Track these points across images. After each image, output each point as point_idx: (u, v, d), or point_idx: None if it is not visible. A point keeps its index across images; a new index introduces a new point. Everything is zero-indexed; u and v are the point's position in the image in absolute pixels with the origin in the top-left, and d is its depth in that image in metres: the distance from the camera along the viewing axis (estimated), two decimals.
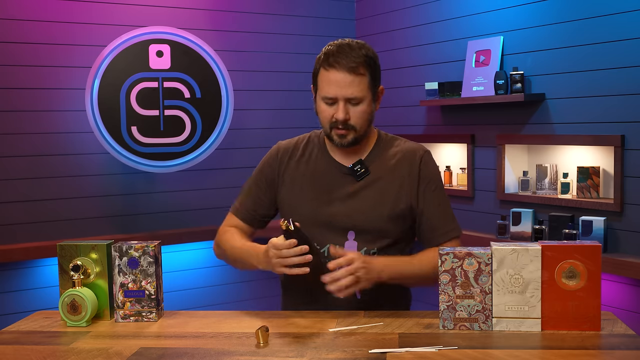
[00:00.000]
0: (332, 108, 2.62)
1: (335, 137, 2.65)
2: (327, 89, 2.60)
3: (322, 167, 2.76)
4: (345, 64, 2.57)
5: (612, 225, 4.27)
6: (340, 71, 2.57)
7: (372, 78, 2.68)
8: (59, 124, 5.05)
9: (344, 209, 2.69)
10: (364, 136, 2.71)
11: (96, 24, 5.13)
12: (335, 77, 2.58)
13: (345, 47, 2.61)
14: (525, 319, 2.30)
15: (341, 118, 2.59)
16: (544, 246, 2.29)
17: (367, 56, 2.64)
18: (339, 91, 2.58)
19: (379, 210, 2.68)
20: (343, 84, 2.58)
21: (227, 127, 5.29)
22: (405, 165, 2.73)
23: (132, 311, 2.53)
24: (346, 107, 2.61)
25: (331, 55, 2.60)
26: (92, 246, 2.52)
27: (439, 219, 2.73)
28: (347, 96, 2.59)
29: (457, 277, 2.32)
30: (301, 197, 2.74)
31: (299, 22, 5.96)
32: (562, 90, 4.52)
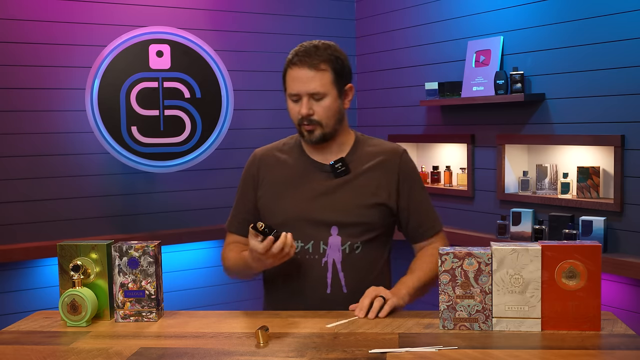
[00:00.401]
0: (297, 105, 2.72)
1: (304, 134, 2.75)
2: (291, 86, 2.70)
3: (301, 167, 2.83)
4: (307, 61, 2.66)
5: (612, 225, 4.27)
6: (302, 68, 2.67)
7: (337, 75, 2.72)
8: (59, 124, 5.06)
9: (326, 204, 2.75)
10: (333, 132, 2.78)
11: (96, 24, 5.13)
12: (297, 74, 2.68)
13: (309, 47, 2.71)
14: (525, 319, 2.30)
15: (304, 113, 2.69)
16: (544, 246, 2.29)
17: (331, 54, 2.71)
18: (302, 87, 2.67)
19: (359, 203, 2.75)
20: (305, 79, 2.67)
21: (227, 127, 5.29)
22: (385, 164, 2.82)
23: (132, 311, 2.53)
24: (309, 103, 2.69)
25: (295, 55, 2.70)
26: (92, 246, 2.52)
27: (424, 215, 2.87)
28: (309, 91, 2.67)
29: (457, 277, 2.32)
30: (282, 198, 2.80)
31: (299, 22, 5.96)
32: (562, 90, 4.52)
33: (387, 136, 5.84)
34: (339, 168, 2.77)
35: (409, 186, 2.83)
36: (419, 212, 2.85)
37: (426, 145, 5.70)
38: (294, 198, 2.78)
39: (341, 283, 2.74)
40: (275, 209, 2.79)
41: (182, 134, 5.16)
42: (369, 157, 2.83)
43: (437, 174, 5.52)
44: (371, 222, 2.77)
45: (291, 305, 2.72)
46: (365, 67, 6.16)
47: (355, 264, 2.75)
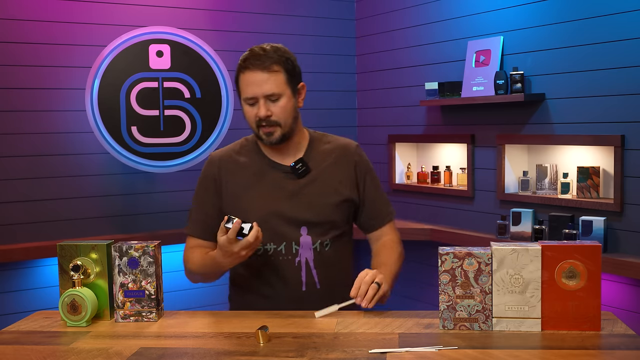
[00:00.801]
0: (254, 108, 2.76)
1: (263, 136, 2.79)
2: (246, 90, 2.75)
3: (262, 170, 2.87)
4: (259, 64, 2.73)
5: (612, 225, 4.27)
6: (255, 71, 2.73)
7: (289, 75, 2.78)
8: (59, 124, 5.06)
9: (293, 205, 2.81)
10: (291, 132, 2.83)
11: (96, 24, 5.13)
12: (251, 78, 2.73)
13: (258, 51, 2.78)
14: (525, 319, 2.30)
15: (262, 115, 2.73)
16: (544, 246, 2.29)
17: (280, 55, 2.78)
18: (257, 89, 2.72)
19: (325, 202, 2.84)
20: (259, 82, 2.72)
21: (227, 127, 5.29)
22: (342, 159, 2.92)
23: (132, 311, 2.53)
24: (266, 104, 2.74)
25: (246, 60, 2.77)
26: (92, 246, 2.53)
27: (379, 204, 2.99)
28: (265, 93, 2.72)
29: (457, 277, 2.32)
30: (248, 201, 2.83)
31: (299, 22, 5.96)
32: (562, 90, 4.52)
33: (387, 136, 5.84)
34: (299, 168, 2.83)
35: (364, 178, 2.95)
36: (374, 203, 2.97)
37: (426, 145, 5.70)
38: (261, 201, 2.82)
39: (315, 280, 2.82)
40: (244, 213, 2.78)
41: (182, 134, 5.16)
42: (325, 154, 2.92)
43: (437, 174, 5.52)
44: (338, 220, 2.87)
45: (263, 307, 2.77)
46: (365, 67, 6.17)
47: (327, 260, 2.84)
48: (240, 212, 2.79)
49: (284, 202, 2.81)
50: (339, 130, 5.51)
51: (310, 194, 2.83)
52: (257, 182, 2.85)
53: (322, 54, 6.06)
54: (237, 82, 2.81)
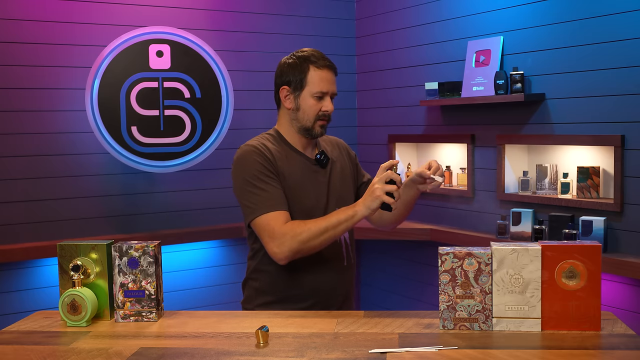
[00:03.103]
0: (320, 102, 2.99)
1: (317, 129, 3.02)
2: (320, 85, 2.99)
3: (296, 161, 3.03)
4: (332, 66, 3.03)
5: (612, 225, 4.27)
6: (330, 71, 3.02)
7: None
8: (59, 124, 5.06)
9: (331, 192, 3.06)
10: None
11: (96, 24, 5.13)
12: (327, 76, 3.00)
13: (324, 55, 3.06)
14: (525, 319, 2.30)
15: (332, 109, 3.01)
16: (544, 246, 2.29)
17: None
18: (331, 87, 3.01)
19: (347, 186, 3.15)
20: (332, 81, 3.03)
21: (227, 127, 5.29)
22: (342, 151, 3.23)
23: (132, 311, 2.53)
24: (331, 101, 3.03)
25: (320, 59, 3.02)
26: (92, 246, 2.53)
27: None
28: (334, 92, 3.03)
29: (457, 277, 2.32)
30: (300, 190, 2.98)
31: (299, 22, 5.96)
32: (562, 90, 4.52)
33: (387, 136, 5.84)
34: (323, 159, 3.07)
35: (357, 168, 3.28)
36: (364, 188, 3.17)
37: (426, 145, 5.70)
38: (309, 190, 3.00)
39: (350, 255, 3.09)
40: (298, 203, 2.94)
41: (182, 134, 5.16)
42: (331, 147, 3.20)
43: None
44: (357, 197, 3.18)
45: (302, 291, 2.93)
46: (365, 67, 6.17)
47: (352, 236, 3.13)
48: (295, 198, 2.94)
49: (324, 189, 3.04)
50: (339, 130, 5.51)
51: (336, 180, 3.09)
52: (299, 171, 3.00)
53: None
54: (305, 75, 2.99)
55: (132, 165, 5.05)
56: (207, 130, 5.23)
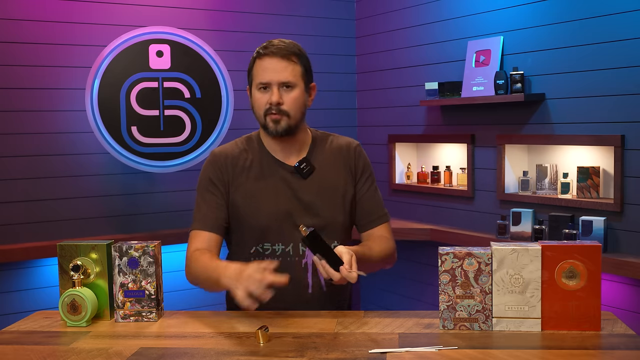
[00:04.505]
0: (266, 94, 2.73)
1: (270, 124, 2.76)
2: (262, 75, 2.73)
3: (267, 169, 2.83)
4: (278, 51, 2.73)
5: (612, 225, 4.27)
6: (274, 57, 2.73)
7: (305, 69, 2.79)
8: (59, 124, 5.06)
9: (300, 207, 2.78)
10: (297, 127, 2.79)
11: (96, 24, 5.13)
12: (269, 64, 2.73)
13: (279, 42, 2.78)
14: (525, 319, 2.30)
15: (275, 100, 2.70)
16: (544, 246, 2.29)
17: (300, 50, 2.80)
18: (273, 75, 2.71)
19: (331, 204, 2.82)
20: (277, 68, 2.72)
21: (227, 127, 5.29)
22: (343, 158, 2.89)
23: (132, 311, 2.53)
24: (279, 92, 2.72)
25: (264, 48, 2.78)
26: (92, 246, 2.53)
27: (373, 205, 2.91)
28: (281, 80, 2.71)
29: (457, 277, 2.32)
30: (258, 201, 2.78)
31: (299, 22, 5.96)
32: (562, 90, 4.52)
33: (387, 136, 5.84)
34: (304, 168, 2.80)
35: (361, 177, 2.91)
36: (369, 202, 2.90)
37: (426, 145, 5.70)
38: (270, 201, 2.78)
39: (321, 283, 2.79)
40: (256, 214, 2.77)
41: (182, 134, 5.16)
42: (328, 154, 2.89)
43: (437, 174, 5.52)
44: (344, 221, 2.86)
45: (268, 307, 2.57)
46: (365, 67, 6.17)
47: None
48: (251, 212, 2.77)
49: (291, 202, 2.78)
50: (338, 130, 5.50)
51: (315, 196, 2.80)
52: (264, 182, 2.80)
53: (322, 54, 6.05)
54: (251, 69, 2.80)
55: (132, 165, 5.05)
56: (207, 130, 5.23)
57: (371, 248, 2.76)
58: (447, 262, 2.32)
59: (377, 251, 2.77)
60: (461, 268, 2.31)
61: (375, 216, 2.90)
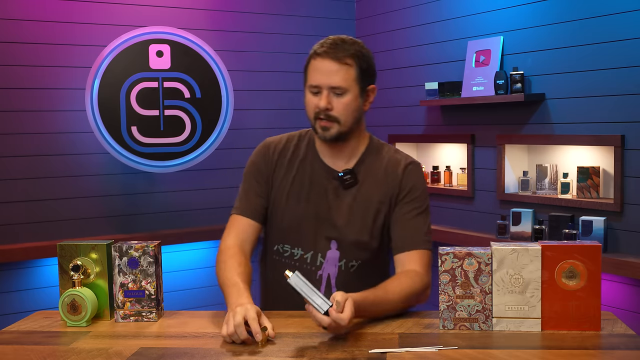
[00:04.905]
0: (316, 97, 2.58)
1: (319, 130, 2.61)
2: (313, 76, 2.58)
3: (311, 170, 2.72)
4: (333, 53, 2.54)
5: (612, 225, 4.27)
6: (327, 59, 2.55)
7: (361, 73, 2.60)
8: (59, 124, 5.06)
9: (330, 217, 2.67)
10: (349, 132, 2.65)
11: (96, 24, 5.13)
12: (321, 65, 2.56)
13: (337, 40, 2.59)
14: (525, 319, 2.30)
15: (323, 105, 2.55)
16: (544, 246, 2.29)
17: (358, 50, 2.59)
18: (324, 79, 2.55)
19: (361, 221, 2.66)
20: (328, 72, 2.55)
21: (227, 127, 5.29)
22: (389, 176, 2.69)
23: (132, 311, 2.52)
24: (329, 97, 2.56)
25: (321, 46, 2.58)
26: (92, 246, 2.52)
27: (410, 230, 2.66)
28: (331, 84, 2.54)
29: (457, 277, 2.32)
30: (291, 200, 2.71)
31: (299, 22, 5.96)
32: (562, 90, 4.52)
33: (387, 136, 5.84)
34: (347, 180, 2.66)
35: (404, 197, 2.68)
36: (405, 226, 2.66)
37: (426, 145, 5.70)
38: (302, 204, 2.69)
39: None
40: (283, 211, 2.71)
41: (182, 134, 5.16)
42: (376, 169, 2.71)
43: (437, 174, 5.52)
44: (371, 242, 2.68)
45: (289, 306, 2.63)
46: None
47: (349, 282, 2.62)
48: (281, 210, 2.72)
49: (323, 210, 2.67)
50: None
51: (350, 210, 2.66)
52: (301, 183, 2.71)
53: None
54: (306, 67, 2.63)
55: (132, 165, 5.06)
56: (207, 130, 5.23)
57: (387, 290, 2.48)
58: (447, 262, 2.32)
59: (395, 292, 2.48)
60: (461, 268, 2.31)
61: (408, 242, 2.64)
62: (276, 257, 2.76)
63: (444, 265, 2.32)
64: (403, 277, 2.56)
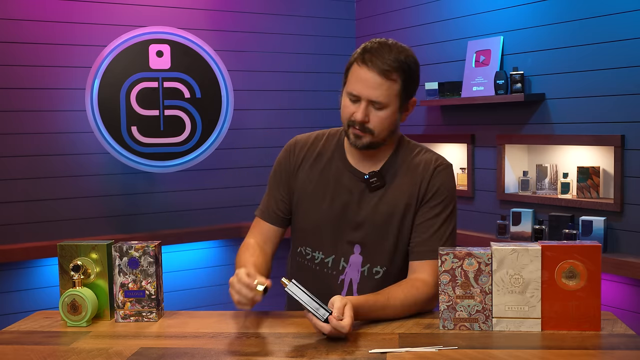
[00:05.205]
0: (354, 106, 2.48)
1: (351, 136, 2.53)
2: (354, 85, 2.47)
3: (336, 171, 2.65)
4: (380, 64, 2.42)
5: (612, 225, 4.27)
6: (372, 70, 2.43)
7: (405, 87, 2.49)
8: (59, 124, 5.06)
9: (354, 221, 2.61)
10: (381, 143, 2.57)
11: (96, 24, 5.13)
12: (365, 76, 2.44)
13: (384, 47, 2.47)
14: (525, 319, 2.30)
15: (359, 119, 2.46)
16: (544, 246, 2.29)
17: (405, 63, 2.47)
18: (365, 91, 2.44)
19: (388, 227, 2.59)
20: (371, 84, 2.44)
21: (227, 127, 5.29)
22: (418, 176, 2.60)
23: (133, 311, 2.52)
24: (367, 109, 2.47)
25: (368, 52, 2.46)
26: (92, 246, 2.52)
27: (428, 235, 2.58)
28: (372, 98, 2.44)
29: (457, 277, 2.32)
30: (312, 201, 2.67)
31: (298, 22, 5.97)
32: (562, 90, 4.52)
33: None
34: (373, 182, 2.59)
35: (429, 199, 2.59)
36: (424, 230, 2.58)
37: (426, 145, 5.68)
38: (326, 206, 2.63)
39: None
40: (306, 212, 2.68)
41: (182, 134, 5.16)
42: (404, 169, 2.63)
43: None
44: (396, 250, 2.62)
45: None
46: None
47: (373, 288, 2.54)
48: (304, 211, 2.68)
49: (347, 214, 2.61)
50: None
51: (372, 212, 2.59)
52: (326, 183, 2.65)
53: (322, 54, 6.06)
54: (348, 69, 2.53)
55: (132, 165, 5.06)
56: (207, 131, 5.24)
57: (389, 296, 2.44)
58: (447, 262, 2.32)
59: (397, 299, 2.44)
60: (461, 268, 2.31)
61: (423, 249, 2.57)
62: (299, 259, 2.74)
63: (444, 265, 2.32)
64: (409, 285, 2.51)
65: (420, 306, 2.49)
